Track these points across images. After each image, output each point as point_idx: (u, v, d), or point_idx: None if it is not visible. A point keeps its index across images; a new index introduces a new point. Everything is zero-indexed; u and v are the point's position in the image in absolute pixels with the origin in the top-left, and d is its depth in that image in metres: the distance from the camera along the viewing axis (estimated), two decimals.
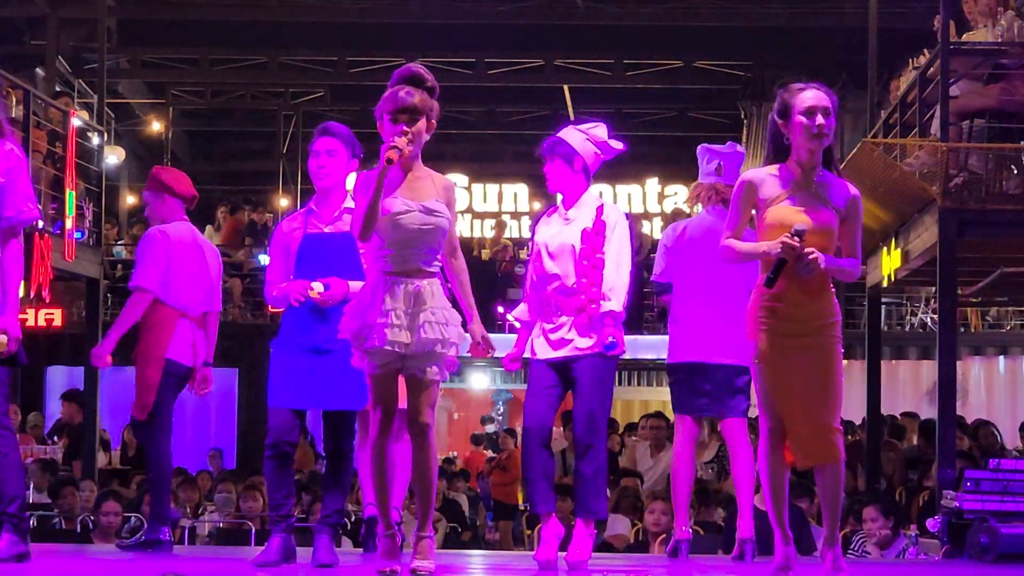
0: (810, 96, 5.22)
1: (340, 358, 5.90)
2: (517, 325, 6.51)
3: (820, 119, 5.17)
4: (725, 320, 6.90)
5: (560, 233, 6.28)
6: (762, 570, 5.69)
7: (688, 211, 7.75)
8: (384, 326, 5.11)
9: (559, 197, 6.48)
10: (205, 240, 7.27)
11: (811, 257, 5.07)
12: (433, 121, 5.29)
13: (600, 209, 6.28)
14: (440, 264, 5.33)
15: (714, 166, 7.27)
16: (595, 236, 6.21)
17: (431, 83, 5.31)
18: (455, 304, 5.43)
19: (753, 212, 5.34)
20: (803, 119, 5.19)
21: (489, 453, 18.20)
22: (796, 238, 5.07)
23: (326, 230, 6.12)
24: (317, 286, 5.98)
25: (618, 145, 6.48)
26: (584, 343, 6.18)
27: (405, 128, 5.17)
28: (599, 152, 6.40)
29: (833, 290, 5.31)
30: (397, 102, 5.21)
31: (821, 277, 5.19)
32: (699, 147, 7.37)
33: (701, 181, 7.29)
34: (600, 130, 6.47)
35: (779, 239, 5.10)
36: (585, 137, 6.40)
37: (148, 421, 6.98)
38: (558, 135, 6.44)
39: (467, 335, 5.39)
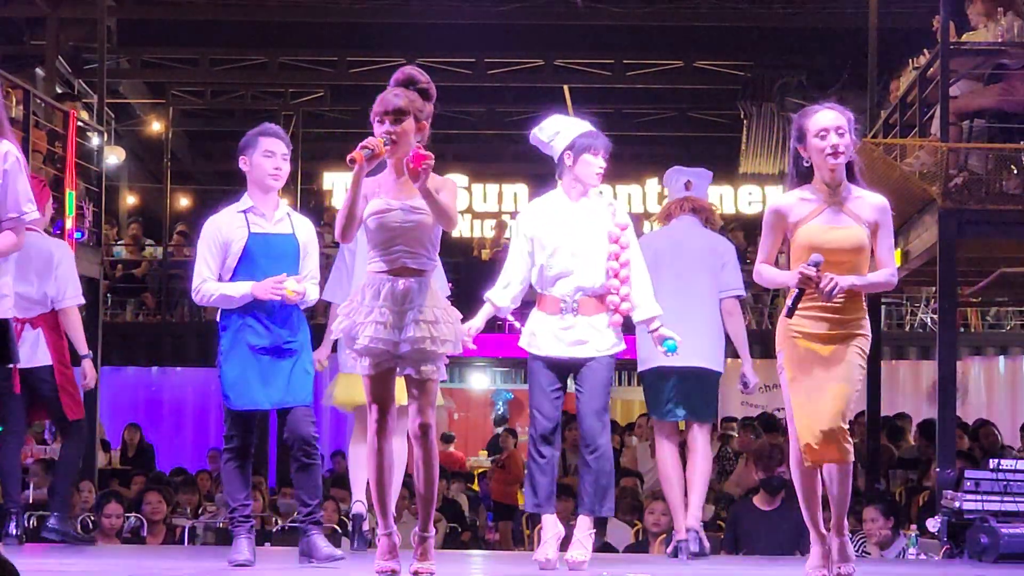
0: (823, 118, 5.34)
1: (291, 356, 5.95)
2: (491, 310, 6.42)
3: (834, 139, 5.28)
4: (693, 325, 6.91)
5: (578, 231, 6.23)
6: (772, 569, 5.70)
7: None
8: (370, 324, 5.12)
9: (559, 190, 6.41)
10: (39, 244, 7.37)
11: (829, 286, 5.15)
12: (423, 122, 5.26)
13: (614, 211, 6.30)
14: (434, 263, 5.29)
15: (683, 183, 7.34)
16: (619, 239, 6.21)
17: (423, 84, 5.30)
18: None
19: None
20: (818, 141, 5.30)
21: (451, 449, 18.08)
22: (814, 268, 5.17)
23: (271, 231, 6.14)
24: (292, 283, 6.00)
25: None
26: (603, 344, 6.19)
27: (389, 129, 5.17)
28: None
29: (864, 304, 5.39)
30: (384, 104, 5.23)
31: (848, 294, 5.27)
32: (668, 171, 7.46)
33: (672, 198, 7.36)
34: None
35: (797, 270, 5.22)
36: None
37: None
38: (594, 129, 6.38)
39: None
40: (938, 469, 9.29)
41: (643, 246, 6.68)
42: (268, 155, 6.20)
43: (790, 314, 5.26)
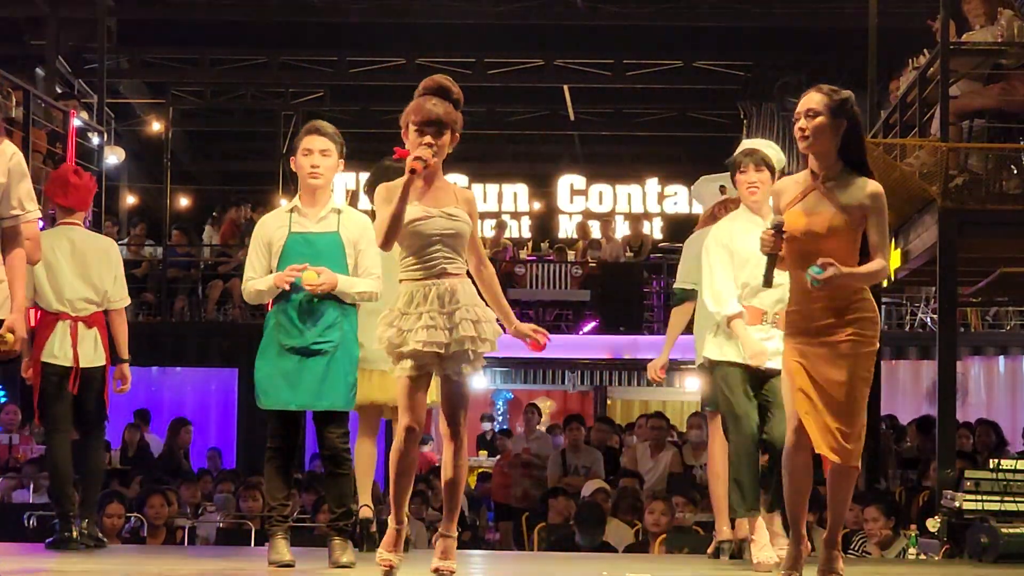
0: (802, 100, 5.31)
1: (328, 358, 5.92)
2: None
3: (802, 122, 5.24)
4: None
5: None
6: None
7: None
8: (422, 330, 5.09)
9: (741, 207, 6.63)
10: (91, 240, 7.41)
11: (827, 275, 5.05)
12: (457, 134, 5.28)
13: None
14: (466, 267, 5.30)
15: (716, 187, 7.39)
16: None
17: (457, 95, 5.31)
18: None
19: None
20: (795, 124, 5.30)
21: (425, 450, 18.03)
22: (773, 231, 5.17)
23: (313, 230, 6.11)
24: (309, 275, 5.97)
25: None
26: None
27: (431, 140, 5.17)
28: None
29: (862, 291, 5.24)
30: (424, 113, 5.20)
31: (840, 287, 5.15)
32: (695, 184, 7.56)
33: (708, 204, 7.38)
34: None
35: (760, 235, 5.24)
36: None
37: (43, 423, 7.28)
38: (751, 145, 6.72)
39: (501, 331, 5.32)
40: (938, 469, 9.29)
41: (696, 245, 6.94)
42: (306, 153, 6.14)
43: (766, 283, 5.25)
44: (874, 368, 5.24)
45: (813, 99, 5.24)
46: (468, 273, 5.32)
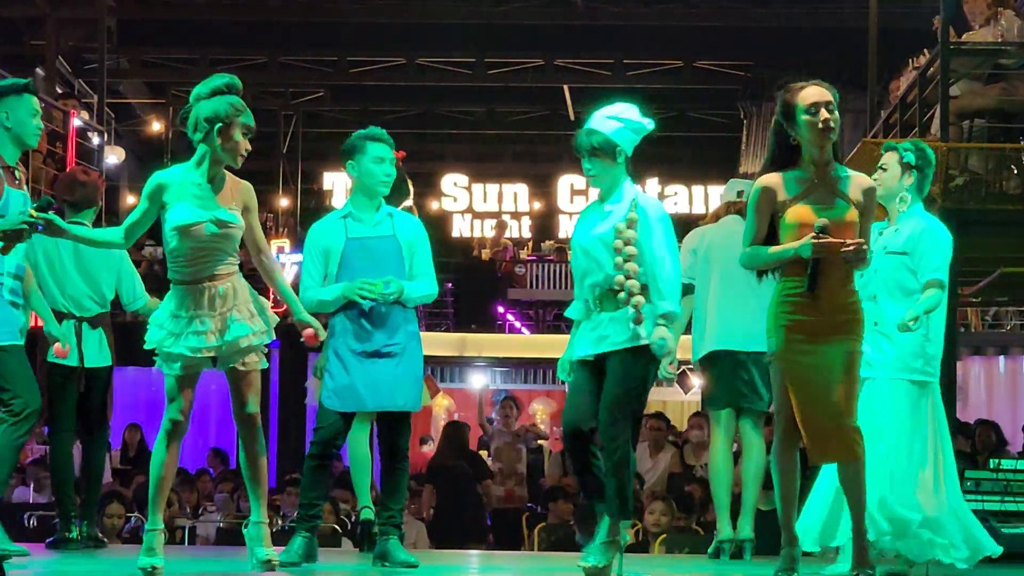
0: (812, 92, 5.18)
1: (397, 361, 6.02)
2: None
3: (825, 113, 5.14)
4: (748, 309, 6.79)
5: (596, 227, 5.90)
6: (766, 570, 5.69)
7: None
8: (191, 335, 5.30)
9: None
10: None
11: (852, 247, 5.02)
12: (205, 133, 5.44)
13: (635, 201, 5.97)
14: (239, 260, 5.41)
15: (735, 191, 7.37)
16: (628, 229, 5.83)
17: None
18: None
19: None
20: (810, 117, 5.14)
21: (425, 450, 18.01)
22: (823, 235, 5.02)
23: (371, 235, 6.15)
24: (377, 287, 6.04)
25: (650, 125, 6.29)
26: (619, 338, 5.56)
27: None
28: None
29: (856, 292, 5.25)
30: None
31: (843, 274, 5.15)
32: (728, 183, 7.52)
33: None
34: (633, 111, 6.12)
35: (808, 240, 5.04)
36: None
37: (50, 424, 7.28)
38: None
39: (277, 318, 5.51)
40: None
41: (696, 240, 6.96)
42: (379, 161, 6.17)
43: (812, 288, 5.06)
44: None
45: (826, 93, 5.18)
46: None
